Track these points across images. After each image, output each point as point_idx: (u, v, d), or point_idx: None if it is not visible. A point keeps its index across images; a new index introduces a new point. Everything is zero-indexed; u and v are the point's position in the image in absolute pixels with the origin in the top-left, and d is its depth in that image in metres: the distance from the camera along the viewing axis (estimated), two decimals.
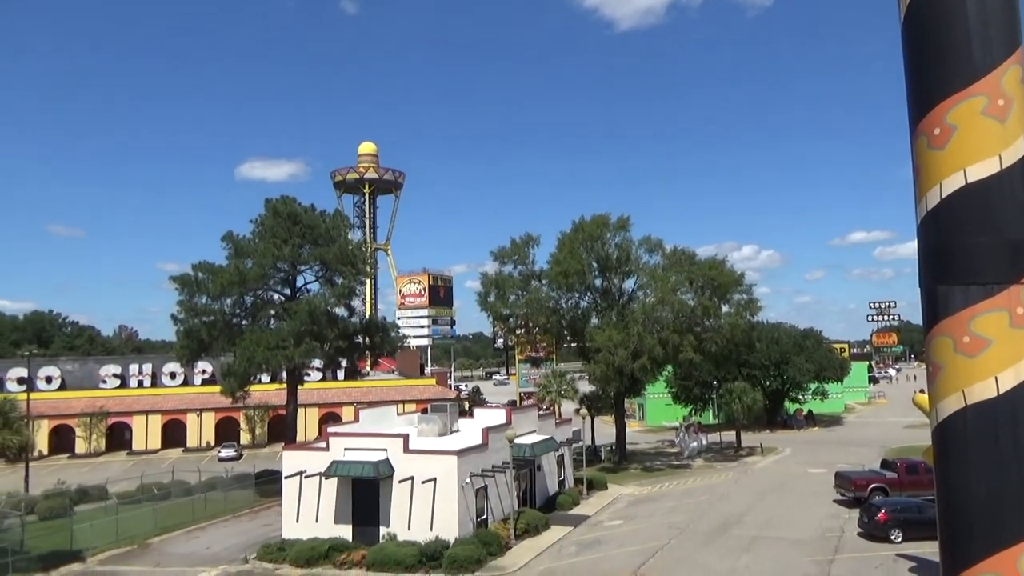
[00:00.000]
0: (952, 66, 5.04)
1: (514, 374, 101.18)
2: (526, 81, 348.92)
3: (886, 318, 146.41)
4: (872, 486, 33.78)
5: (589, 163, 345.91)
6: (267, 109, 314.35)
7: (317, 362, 52.47)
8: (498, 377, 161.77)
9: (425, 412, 39.52)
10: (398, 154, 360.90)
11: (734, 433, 55.90)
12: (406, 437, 30.30)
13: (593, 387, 52.80)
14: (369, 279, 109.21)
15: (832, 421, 72.57)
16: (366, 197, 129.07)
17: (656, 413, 76.45)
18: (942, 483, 5.25)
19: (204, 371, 71.59)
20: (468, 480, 29.17)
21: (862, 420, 74.80)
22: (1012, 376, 6.04)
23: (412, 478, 28.94)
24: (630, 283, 51.98)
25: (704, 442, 53.91)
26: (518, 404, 71.56)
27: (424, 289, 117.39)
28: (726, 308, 50.67)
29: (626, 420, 56.08)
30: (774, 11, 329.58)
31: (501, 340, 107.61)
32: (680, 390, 62.84)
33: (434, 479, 28.66)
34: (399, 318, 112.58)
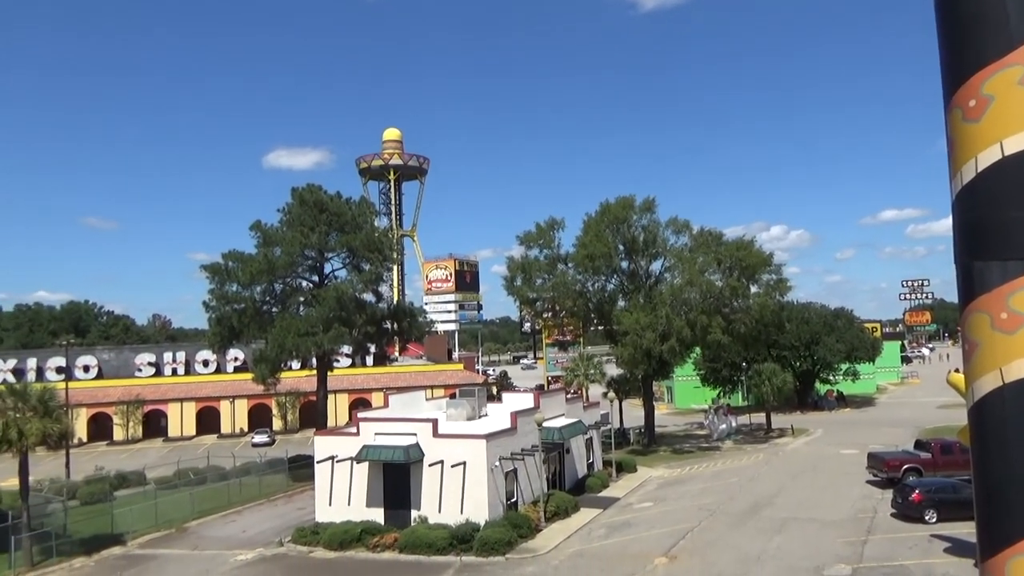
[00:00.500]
0: (987, 34, 4.86)
1: (541, 358, 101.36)
2: (549, 63, 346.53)
3: (919, 296, 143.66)
4: (906, 467, 33.36)
5: (614, 145, 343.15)
6: (292, 98, 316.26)
7: (346, 348, 52.92)
8: (526, 361, 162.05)
9: (453, 397, 39.76)
10: (422, 140, 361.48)
11: (764, 415, 55.49)
12: (435, 422, 30.54)
13: (621, 370, 52.73)
14: (396, 265, 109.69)
15: (864, 402, 71.69)
16: (391, 183, 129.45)
17: (685, 395, 76.14)
18: (979, 463, 5.14)
19: (236, 358, 72.69)
20: (497, 463, 29.35)
21: (895, 400, 73.79)
22: None
23: (442, 462, 29.19)
24: (657, 265, 51.78)
25: (734, 424, 53.59)
26: (546, 388, 71.77)
27: (450, 274, 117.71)
28: (755, 289, 50.20)
29: (654, 403, 55.95)
30: None
31: (528, 324, 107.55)
32: (709, 372, 62.50)
33: (463, 463, 28.88)
34: (426, 304, 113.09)
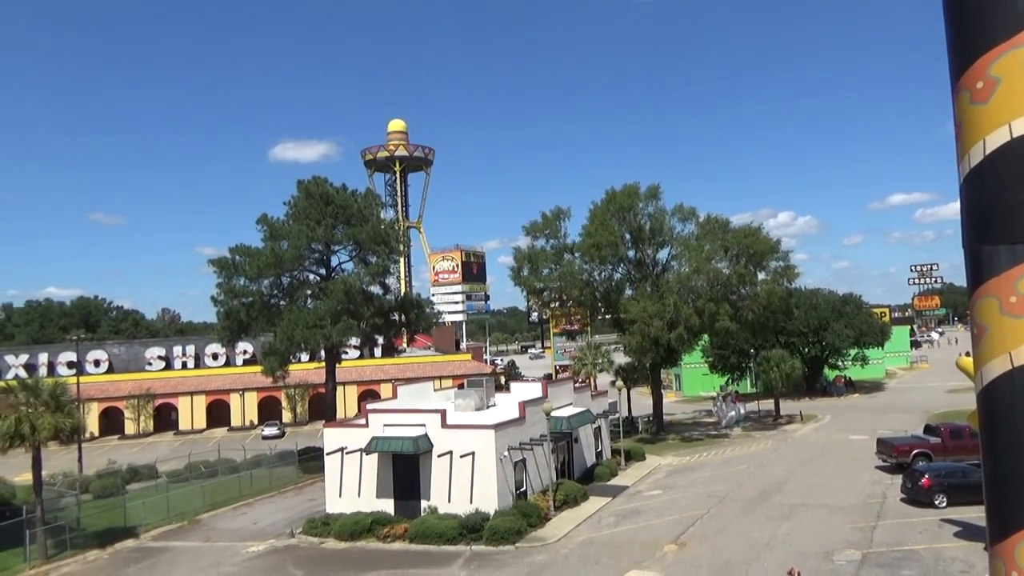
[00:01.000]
0: (995, 16, 4.80)
1: (549, 347, 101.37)
2: (554, 51, 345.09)
3: (928, 281, 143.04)
4: (915, 452, 33.30)
5: (620, 134, 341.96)
6: (297, 90, 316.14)
7: (354, 340, 53.05)
8: (533, 351, 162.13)
9: (462, 387, 39.84)
10: (427, 131, 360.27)
11: (772, 401, 55.43)
12: (444, 412, 30.62)
13: (629, 358, 52.71)
14: (402, 257, 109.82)
15: (873, 387, 71.50)
16: (397, 175, 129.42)
17: (693, 383, 76.10)
18: (988, 447, 5.13)
19: (245, 351, 73.11)
20: (506, 453, 29.43)
21: (904, 385, 73.58)
22: None
23: (451, 452, 29.29)
24: (664, 253, 51.59)
25: (742, 411, 53.55)
26: (554, 377, 71.85)
27: (457, 265, 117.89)
28: (762, 276, 50.01)
29: (662, 391, 55.97)
30: None
31: (535, 314, 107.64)
32: (717, 359, 62.40)
33: (472, 453, 28.97)
34: (433, 295, 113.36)
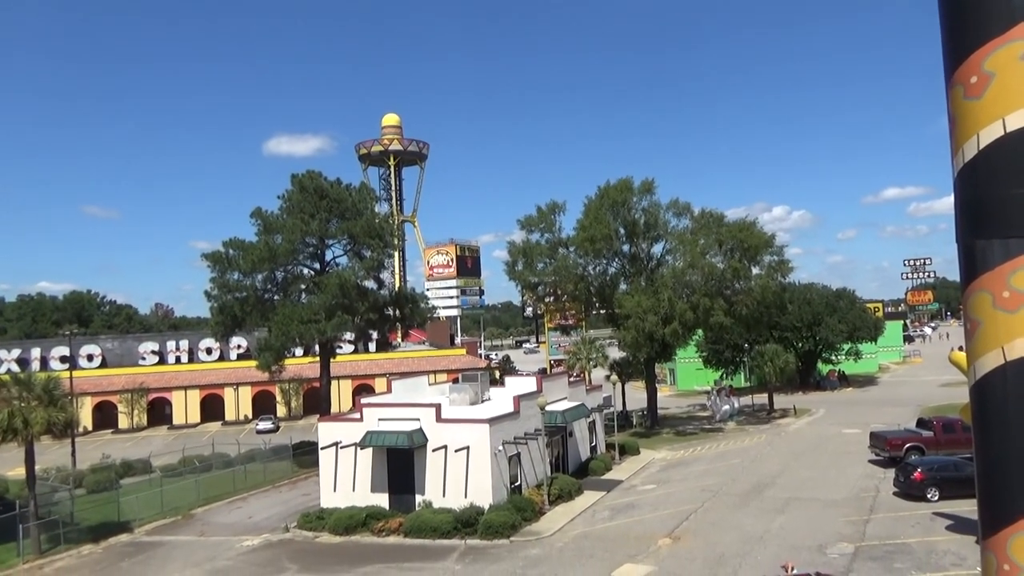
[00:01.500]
0: (989, 10, 4.81)
1: (544, 342, 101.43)
2: (549, 44, 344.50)
3: (921, 275, 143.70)
4: (908, 445, 33.47)
5: (615, 128, 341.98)
6: (292, 84, 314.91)
7: (349, 335, 53.01)
8: (528, 345, 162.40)
9: (456, 382, 39.83)
10: (422, 125, 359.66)
11: (766, 396, 55.61)
12: (438, 407, 30.63)
13: (623, 353, 52.78)
14: (397, 251, 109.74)
15: (866, 381, 71.82)
16: (391, 169, 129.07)
17: (687, 377, 76.33)
18: (980, 441, 5.16)
19: (239, 346, 72.91)
20: (501, 447, 29.47)
21: (897, 379, 73.91)
22: None
23: (445, 447, 29.31)
24: (658, 248, 51.66)
25: (736, 405, 53.72)
26: (548, 372, 71.90)
27: (452, 260, 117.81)
28: (756, 270, 50.10)
29: (657, 385, 56.07)
30: None
31: (530, 308, 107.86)
32: (711, 354, 62.57)
33: (467, 447, 29.00)
34: (428, 289, 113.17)
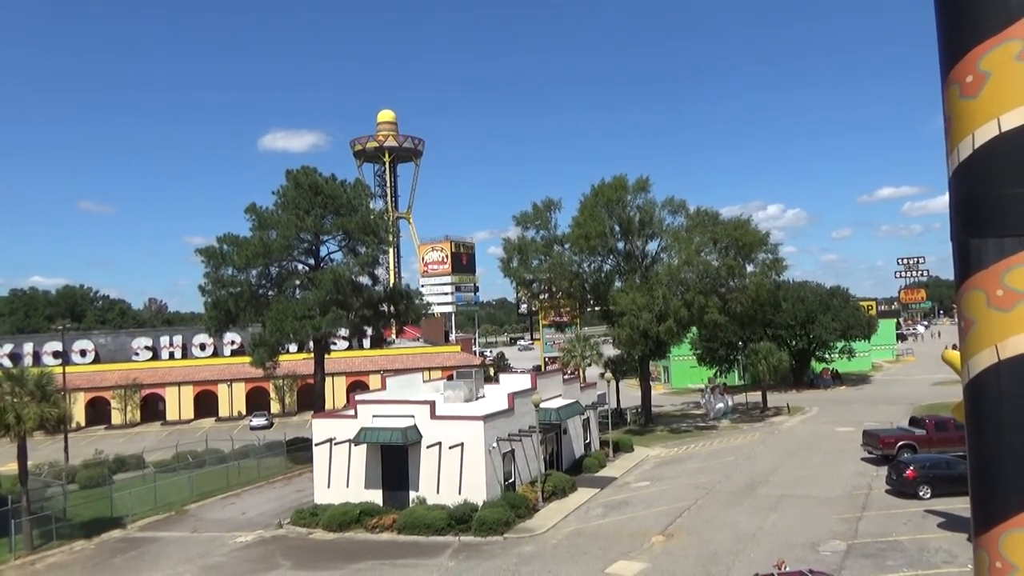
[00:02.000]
0: (985, 9, 4.81)
1: (538, 339, 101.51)
2: (544, 40, 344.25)
3: (914, 274, 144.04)
4: (900, 443, 33.59)
5: (612, 125, 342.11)
6: (288, 79, 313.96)
7: (343, 331, 52.95)
8: (523, 343, 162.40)
9: (451, 379, 39.85)
10: (417, 121, 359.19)
11: (760, 394, 55.73)
12: (432, 404, 30.61)
13: (618, 350, 52.84)
14: (391, 248, 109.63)
15: (859, 380, 72.07)
16: (386, 166, 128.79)
17: (681, 375, 76.42)
18: (973, 439, 5.17)
19: (233, 342, 72.75)
20: (495, 444, 29.47)
21: (890, 378, 74.21)
22: None
23: (439, 443, 29.30)
24: (653, 245, 51.74)
25: (730, 403, 53.87)
26: (543, 369, 71.94)
27: (446, 256, 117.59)
28: (751, 268, 50.22)
29: (651, 383, 56.18)
30: None
31: (525, 306, 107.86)
32: (705, 352, 62.68)
33: (461, 444, 29.00)
34: (422, 286, 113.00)
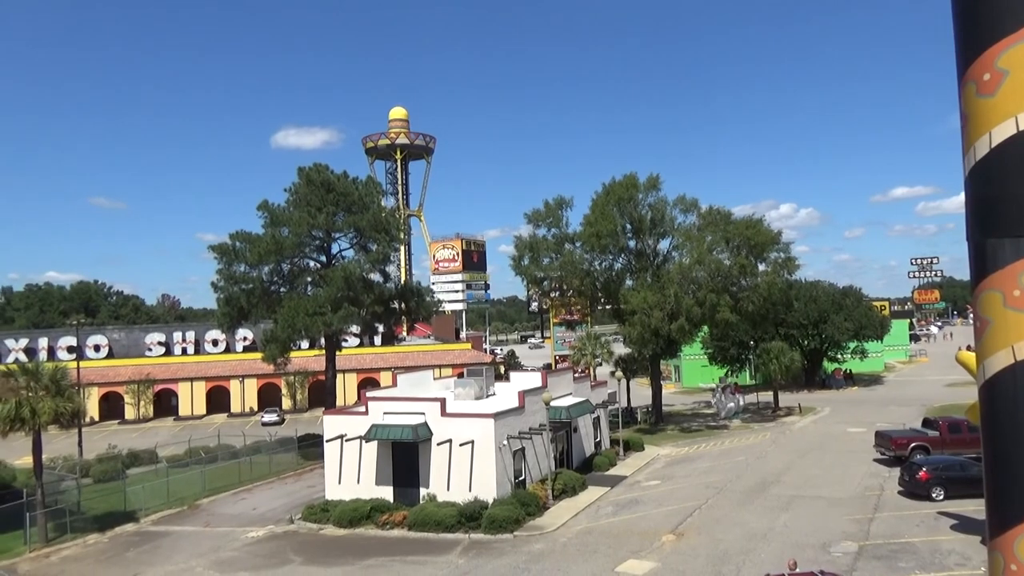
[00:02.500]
0: (1003, 8, 4.78)
1: (549, 337, 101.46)
2: (556, 42, 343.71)
3: (928, 275, 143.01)
4: (913, 445, 33.38)
5: (623, 123, 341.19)
6: (300, 77, 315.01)
7: (354, 328, 53.12)
8: (533, 340, 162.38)
9: (461, 376, 39.90)
10: (429, 118, 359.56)
11: (771, 393, 55.51)
12: (443, 401, 30.68)
13: (628, 349, 52.74)
14: (403, 245, 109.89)
15: (872, 380, 71.64)
16: (398, 163, 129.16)
17: (692, 374, 76.23)
18: (989, 441, 5.14)
19: (245, 338, 73.25)
20: (505, 442, 29.50)
21: (903, 379, 73.70)
22: None
23: (450, 441, 29.37)
24: (665, 244, 51.58)
25: (741, 403, 53.67)
26: (553, 367, 71.96)
27: (457, 254, 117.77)
28: (763, 267, 50.02)
29: (662, 382, 56.04)
30: None
31: (536, 304, 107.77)
32: (716, 351, 62.48)
33: (472, 441, 29.05)
34: (433, 283, 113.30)
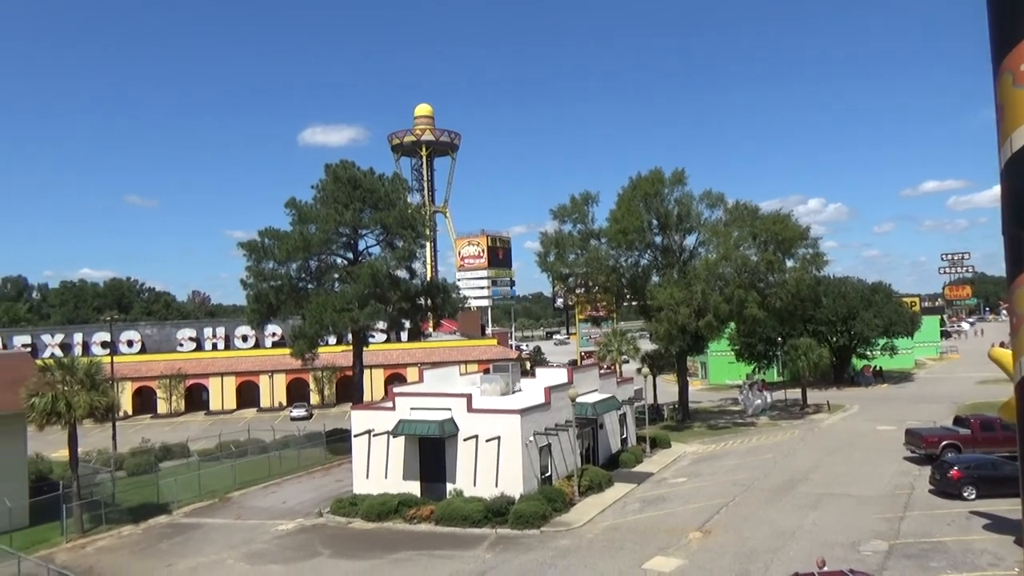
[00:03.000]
0: None
1: (574, 334, 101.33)
2: (580, 36, 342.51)
3: (959, 270, 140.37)
4: (944, 443, 32.91)
5: (649, 117, 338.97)
6: (327, 74, 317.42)
7: (381, 324, 53.56)
8: (559, 337, 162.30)
9: (487, 372, 40.04)
10: (453, 115, 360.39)
11: (799, 391, 54.98)
12: (469, 397, 30.82)
13: (655, 345, 52.54)
14: (428, 241, 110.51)
15: (902, 377, 70.61)
16: (423, 160, 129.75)
17: (719, 371, 75.74)
18: None
19: (274, 333, 74.22)
20: (532, 438, 29.58)
21: (933, 376, 72.56)
22: None
23: (476, 436, 29.52)
24: (691, 239, 51.27)
25: (768, 400, 53.22)
26: (579, 363, 71.91)
27: (483, 251, 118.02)
28: (791, 263, 49.55)
29: (688, 378, 55.75)
30: None
31: (561, 300, 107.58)
32: (744, 347, 62.02)
33: (498, 437, 29.17)
34: (459, 280, 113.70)
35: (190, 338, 77.92)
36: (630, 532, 25.71)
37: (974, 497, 26.56)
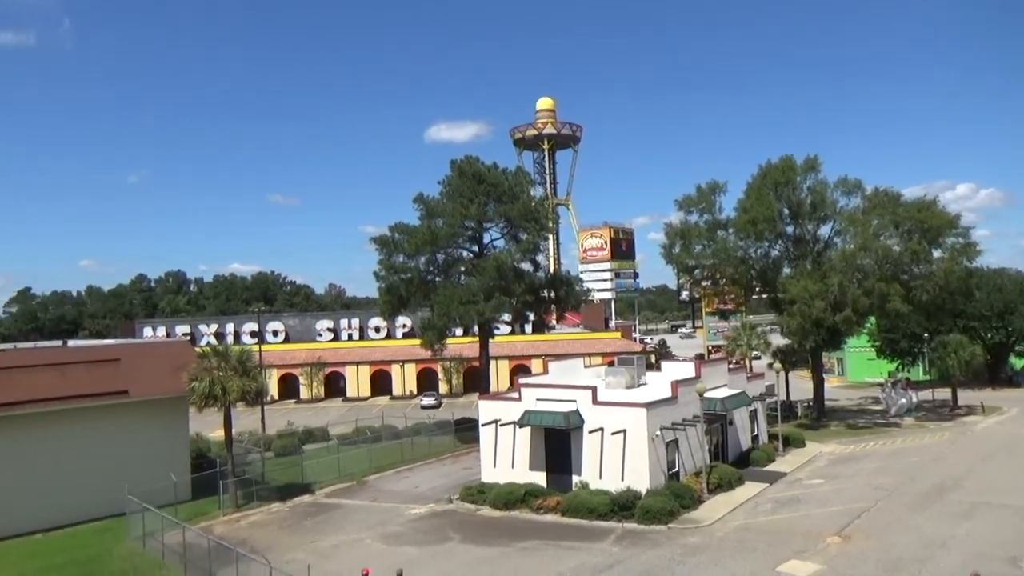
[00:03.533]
0: None
1: (700, 327, 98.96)
2: (703, 21, 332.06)
3: None
4: None
5: (775, 102, 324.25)
6: (450, 71, 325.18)
7: (506, 316, 54.45)
8: (684, 330, 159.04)
9: (612, 365, 39.91)
10: (576, 107, 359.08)
11: (949, 391, 51.44)
12: (595, 389, 30.89)
13: (787, 340, 50.54)
14: (552, 234, 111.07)
15: None
16: (545, 153, 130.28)
17: (858, 368, 72.02)
18: None
19: (405, 325, 77.26)
20: (658, 432, 29.29)
21: None
22: None
23: (602, 429, 29.56)
24: (826, 229, 49.03)
25: (914, 399, 49.98)
26: (706, 358, 70.20)
27: (606, 243, 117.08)
28: (938, 253, 46.31)
29: (824, 375, 53.28)
30: None
31: (686, 293, 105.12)
32: (885, 343, 58.72)
33: (623, 431, 29.08)
34: (582, 272, 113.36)
35: (328, 329, 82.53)
36: (763, 533, 24.98)
37: None
